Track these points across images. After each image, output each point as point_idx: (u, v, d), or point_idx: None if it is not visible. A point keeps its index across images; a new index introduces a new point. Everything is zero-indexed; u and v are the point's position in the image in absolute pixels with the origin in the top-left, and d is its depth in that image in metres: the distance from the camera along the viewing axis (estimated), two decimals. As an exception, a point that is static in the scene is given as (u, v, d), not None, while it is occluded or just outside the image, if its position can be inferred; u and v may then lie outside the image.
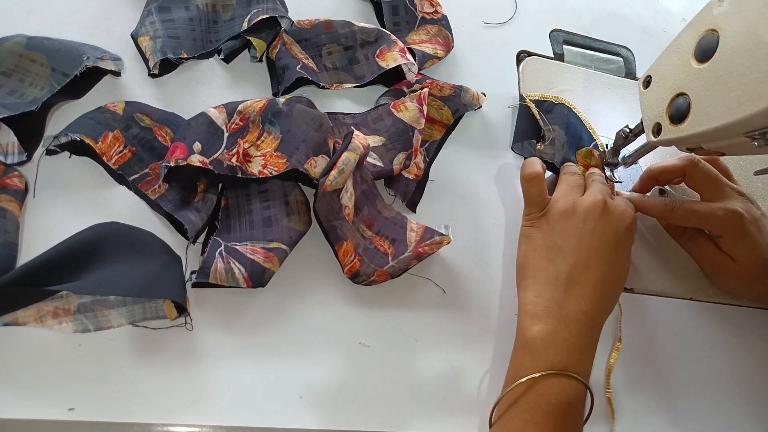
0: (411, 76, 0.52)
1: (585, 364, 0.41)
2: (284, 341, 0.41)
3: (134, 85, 0.46)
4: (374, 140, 0.49)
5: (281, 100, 0.45)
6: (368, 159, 0.47)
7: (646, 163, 0.60)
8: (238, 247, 0.40)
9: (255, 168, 0.43)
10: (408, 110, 0.49)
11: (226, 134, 0.43)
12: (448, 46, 0.57)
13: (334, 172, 0.41)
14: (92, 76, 0.44)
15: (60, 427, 0.35)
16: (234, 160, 0.43)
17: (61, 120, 0.43)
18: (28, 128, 0.41)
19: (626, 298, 0.52)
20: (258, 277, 0.40)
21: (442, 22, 0.57)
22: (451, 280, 0.47)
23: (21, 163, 0.40)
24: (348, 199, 0.44)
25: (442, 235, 0.44)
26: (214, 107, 0.44)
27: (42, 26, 0.45)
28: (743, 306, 0.55)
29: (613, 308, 0.45)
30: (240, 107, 0.44)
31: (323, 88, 0.51)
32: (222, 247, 0.40)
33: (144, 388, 0.37)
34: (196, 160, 0.41)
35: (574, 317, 0.41)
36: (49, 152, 0.41)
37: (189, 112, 0.45)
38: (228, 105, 0.44)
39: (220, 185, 0.44)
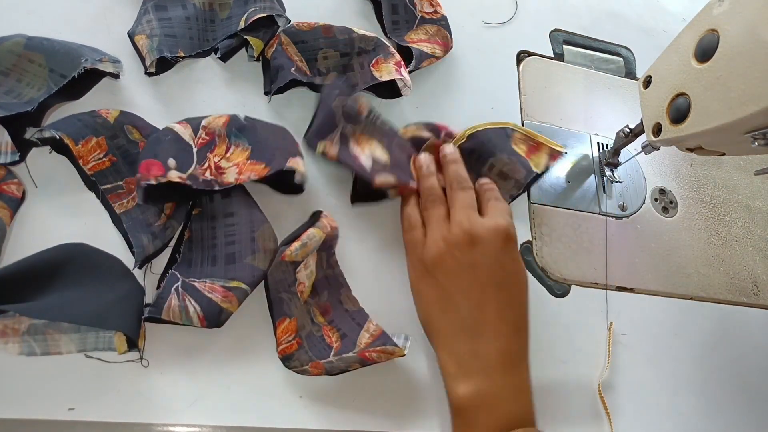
0: (407, 92, 0.52)
1: (523, 407, 0.39)
2: (284, 341, 0.41)
3: (133, 86, 0.46)
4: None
5: (242, 116, 0.45)
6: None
7: (645, 161, 0.60)
8: (196, 284, 0.38)
9: (230, 177, 0.42)
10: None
11: (195, 149, 0.42)
12: (447, 46, 0.57)
13: (296, 244, 0.40)
14: (90, 77, 0.44)
15: (60, 427, 0.35)
16: (207, 174, 0.41)
17: (58, 120, 0.43)
18: (23, 129, 0.40)
19: (626, 297, 0.52)
20: (214, 318, 0.38)
21: (442, 22, 0.57)
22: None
23: (14, 164, 0.40)
24: (306, 276, 0.42)
25: (395, 345, 0.39)
26: (178, 122, 0.43)
27: (42, 26, 0.45)
28: (743, 306, 0.55)
29: (527, 325, 0.41)
30: (203, 122, 0.43)
31: (315, 90, 0.51)
32: (179, 283, 0.38)
33: (144, 388, 0.37)
34: (175, 176, 0.39)
35: (493, 363, 0.38)
36: (32, 144, 0.41)
37: (186, 112, 0.45)
38: (191, 120, 0.43)
39: (185, 215, 0.42)
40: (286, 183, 0.44)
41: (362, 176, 0.45)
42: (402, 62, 0.51)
